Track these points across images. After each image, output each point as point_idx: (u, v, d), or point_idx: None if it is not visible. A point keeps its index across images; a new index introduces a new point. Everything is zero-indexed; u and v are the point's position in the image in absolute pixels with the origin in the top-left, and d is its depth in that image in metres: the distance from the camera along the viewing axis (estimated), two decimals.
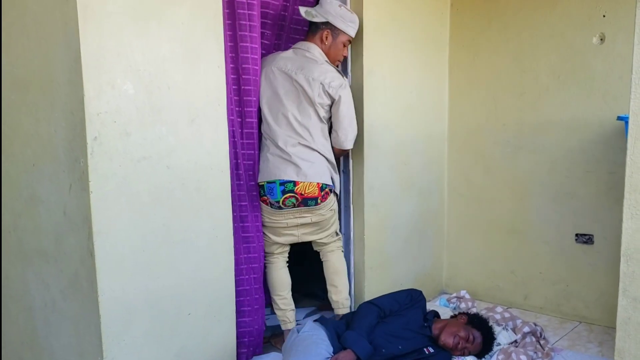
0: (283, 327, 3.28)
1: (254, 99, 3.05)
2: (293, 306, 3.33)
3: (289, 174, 3.03)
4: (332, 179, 3.17)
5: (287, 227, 3.21)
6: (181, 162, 2.54)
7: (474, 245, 4.11)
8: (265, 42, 3.31)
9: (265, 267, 3.31)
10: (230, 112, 2.85)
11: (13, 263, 2.72)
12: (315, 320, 3.00)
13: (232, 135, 2.89)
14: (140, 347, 2.46)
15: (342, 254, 3.44)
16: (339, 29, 3.15)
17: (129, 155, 2.35)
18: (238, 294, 3.01)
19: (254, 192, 3.13)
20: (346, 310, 3.38)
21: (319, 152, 3.11)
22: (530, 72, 3.70)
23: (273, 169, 3.05)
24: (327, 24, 3.14)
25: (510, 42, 3.77)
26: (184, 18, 2.48)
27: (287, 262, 3.37)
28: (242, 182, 3.02)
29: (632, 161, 1.60)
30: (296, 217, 3.16)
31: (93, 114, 2.21)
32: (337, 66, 3.24)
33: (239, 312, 3.02)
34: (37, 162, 2.47)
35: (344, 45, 3.23)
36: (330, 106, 3.12)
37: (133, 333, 2.43)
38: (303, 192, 3.05)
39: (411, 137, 3.81)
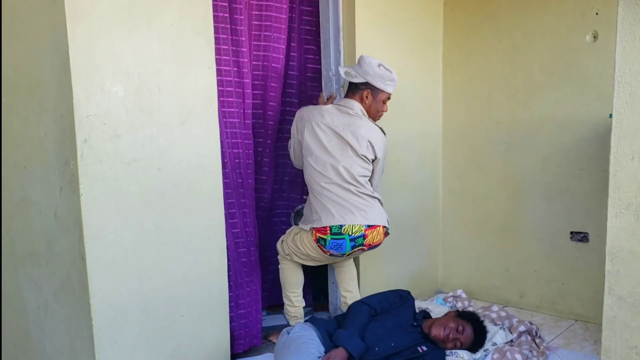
0: (294, 324, 3.30)
1: (235, 100, 3.14)
2: (304, 303, 3.42)
3: (358, 219, 3.05)
4: (387, 220, 3.23)
5: (332, 262, 3.33)
6: (172, 164, 2.54)
7: (469, 244, 4.11)
8: (280, 46, 3.42)
9: (280, 265, 3.39)
10: None
11: (5, 265, 2.73)
12: (305, 321, 3.01)
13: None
14: (133, 349, 2.46)
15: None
16: (378, 89, 3.19)
17: (120, 157, 2.35)
18: (235, 287, 3.08)
19: (240, 189, 3.19)
20: None
21: (372, 196, 3.17)
22: (523, 70, 3.70)
23: (338, 215, 3.06)
24: (367, 84, 3.18)
25: (504, 40, 3.77)
26: (174, 18, 2.48)
27: None
28: (229, 180, 3.07)
29: (616, 159, 1.61)
30: (348, 257, 3.26)
31: (83, 116, 2.21)
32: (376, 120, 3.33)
33: (238, 305, 3.08)
34: (28, 164, 2.47)
35: (384, 102, 3.28)
36: (372, 161, 3.20)
37: (125, 335, 2.43)
38: (372, 243, 3.11)
39: (405, 136, 3.81)
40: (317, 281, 3.86)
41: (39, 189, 2.44)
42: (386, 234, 3.21)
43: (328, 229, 3.04)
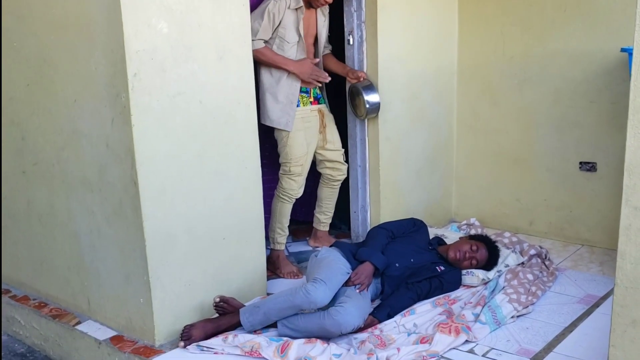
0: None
1: None
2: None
3: None
4: None
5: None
6: (211, 97, 2.69)
7: (482, 175, 4.25)
8: None
9: None
10: None
11: (57, 193, 2.90)
12: (330, 246, 3.23)
13: None
14: (181, 268, 2.68)
15: None
16: None
17: (165, 90, 2.50)
18: None
19: None
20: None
21: None
22: (536, 5, 3.76)
23: None
24: None
25: None
26: None
27: None
28: None
29: (636, 87, 1.75)
30: None
31: (132, 51, 2.35)
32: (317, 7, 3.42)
33: None
34: (78, 98, 2.62)
35: None
36: None
37: (174, 256, 2.64)
38: None
39: (421, 71, 3.91)
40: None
41: (89, 121, 2.60)
42: None
43: None
